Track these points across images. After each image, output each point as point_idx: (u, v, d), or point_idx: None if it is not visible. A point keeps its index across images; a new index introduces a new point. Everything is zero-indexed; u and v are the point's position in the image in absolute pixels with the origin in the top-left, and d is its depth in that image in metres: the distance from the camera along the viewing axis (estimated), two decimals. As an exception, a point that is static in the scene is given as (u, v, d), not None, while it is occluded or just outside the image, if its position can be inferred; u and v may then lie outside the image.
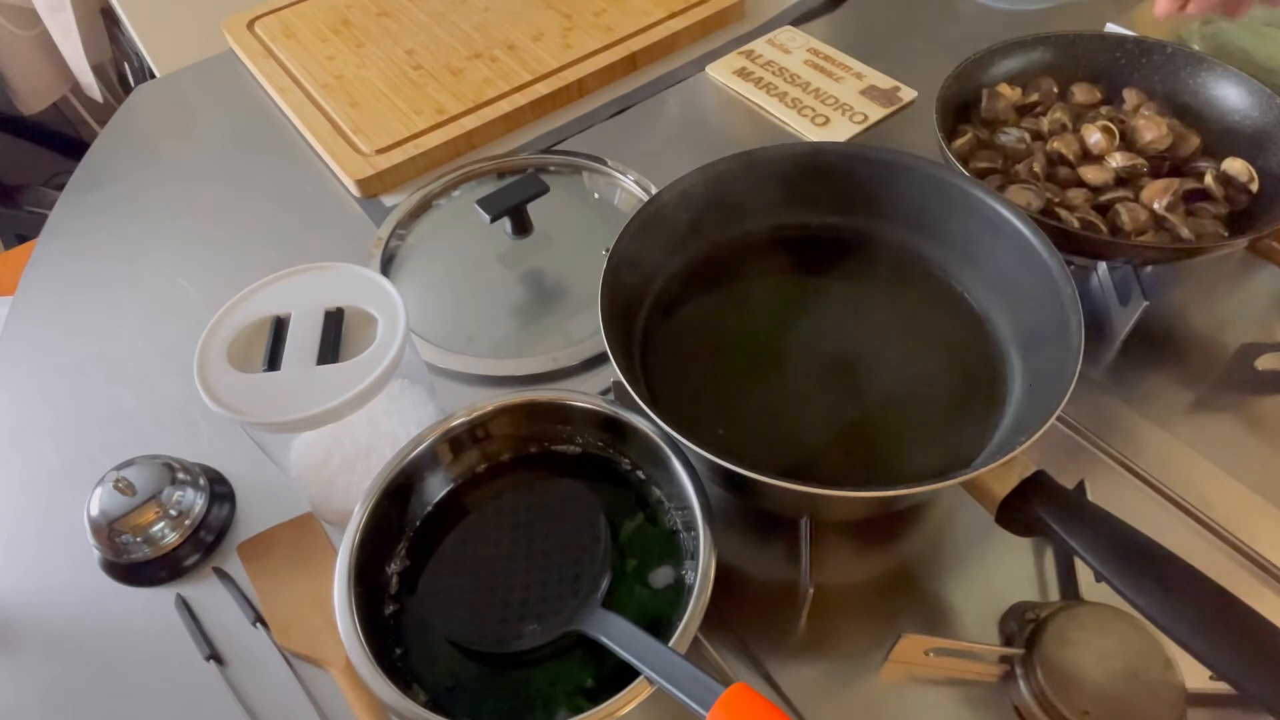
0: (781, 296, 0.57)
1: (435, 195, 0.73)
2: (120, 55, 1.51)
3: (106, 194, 0.78)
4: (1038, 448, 0.40)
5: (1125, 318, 0.57)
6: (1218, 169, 0.59)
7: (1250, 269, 0.62)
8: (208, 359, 0.44)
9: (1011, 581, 0.48)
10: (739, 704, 0.34)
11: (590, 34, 0.85)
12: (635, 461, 0.48)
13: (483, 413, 0.47)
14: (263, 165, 0.79)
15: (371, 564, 0.43)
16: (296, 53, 0.86)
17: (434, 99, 0.79)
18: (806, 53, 0.84)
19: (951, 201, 0.54)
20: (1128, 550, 0.39)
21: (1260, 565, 0.48)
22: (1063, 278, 0.47)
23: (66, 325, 0.68)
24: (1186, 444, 0.53)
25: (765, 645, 0.46)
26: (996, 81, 0.66)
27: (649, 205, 0.53)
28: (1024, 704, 0.42)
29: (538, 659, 0.41)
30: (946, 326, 0.54)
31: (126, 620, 0.50)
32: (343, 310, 0.47)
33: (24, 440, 0.60)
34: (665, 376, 0.52)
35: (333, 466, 0.50)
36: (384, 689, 0.37)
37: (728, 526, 0.51)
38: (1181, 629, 0.36)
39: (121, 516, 0.50)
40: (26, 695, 0.48)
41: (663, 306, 0.56)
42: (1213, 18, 0.77)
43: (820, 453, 0.49)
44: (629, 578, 0.44)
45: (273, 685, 0.47)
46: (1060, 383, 0.42)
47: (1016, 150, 0.63)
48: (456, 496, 0.48)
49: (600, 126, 0.79)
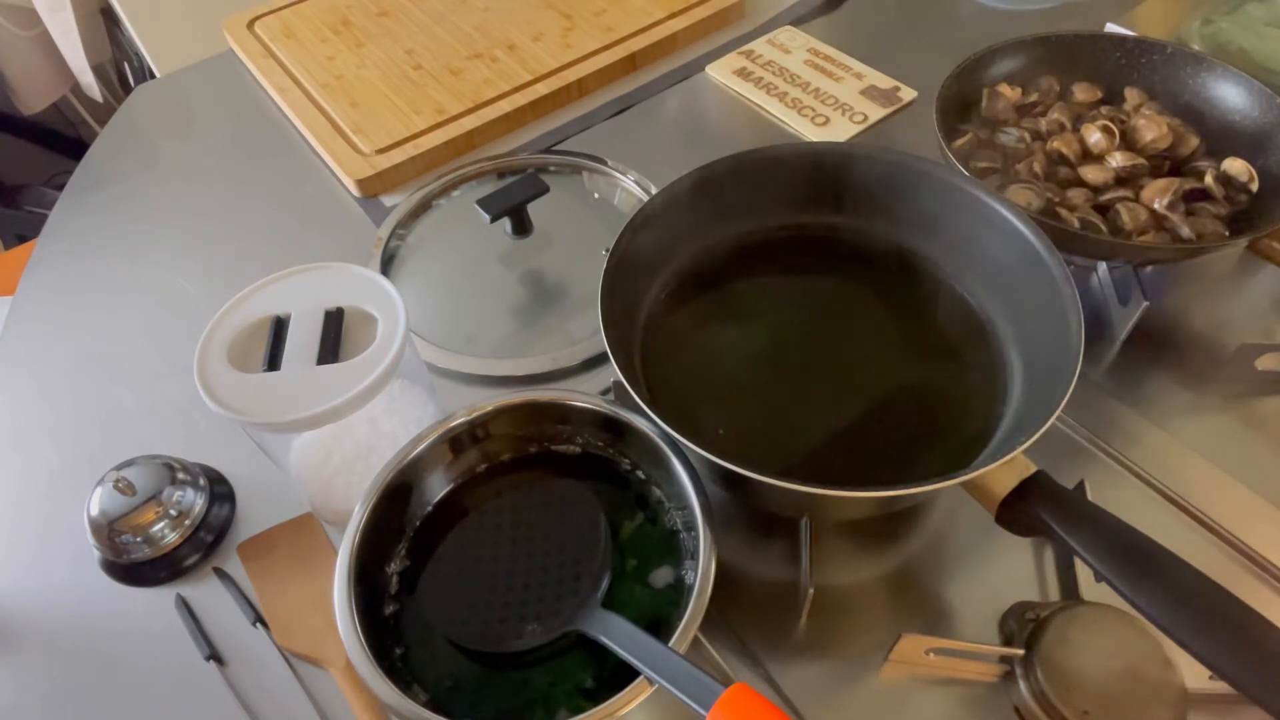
0: (781, 296, 0.57)
1: (435, 195, 0.73)
2: (120, 55, 1.51)
3: (106, 194, 0.78)
4: (1038, 448, 0.40)
5: (1125, 318, 0.57)
6: (1218, 169, 0.59)
7: (1250, 269, 0.62)
8: (208, 359, 0.44)
9: (1011, 581, 0.48)
10: (739, 704, 0.34)
11: (590, 34, 0.85)
12: (635, 461, 0.48)
13: (483, 413, 0.47)
14: (263, 165, 0.79)
15: (371, 564, 0.43)
16: (296, 53, 0.86)
17: (434, 99, 0.79)
18: (806, 53, 0.84)
19: (951, 201, 0.54)
20: (1128, 550, 0.39)
21: (1260, 565, 0.48)
22: (1063, 278, 0.47)
23: (66, 325, 0.68)
24: (1186, 444, 0.53)
25: (765, 645, 0.46)
26: (996, 81, 0.66)
27: (649, 205, 0.52)
28: (1024, 704, 0.42)
29: (538, 659, 0.41)
30: (946, 326, 0.54)
31: (126, 620, 0.50)
32: (343, 310, 0.47)
33: (24, 440, 0.60)
34: (665, 376, 0.52)
35: (333, 466, 0.50)
36: (384, 689, 0.37)
37: (728, 526, 0.51)
38: (1181, 629, 0.36)
39: (121, 516, 0.50)
40: (26, 695, 0.48)
41: (663, 306, 0.56)
42: (1213, 18, 0.77)
43: (820, 453, 0.49)
44: (629, 578, 0.44)
45: (273, 685, 0.47)
46: (1060, 383, 0.42)
47: (1016, 150, 0.63)
48: (456, 496, 0.48)
49: (600, 126, 0.79)
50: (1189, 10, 0.80)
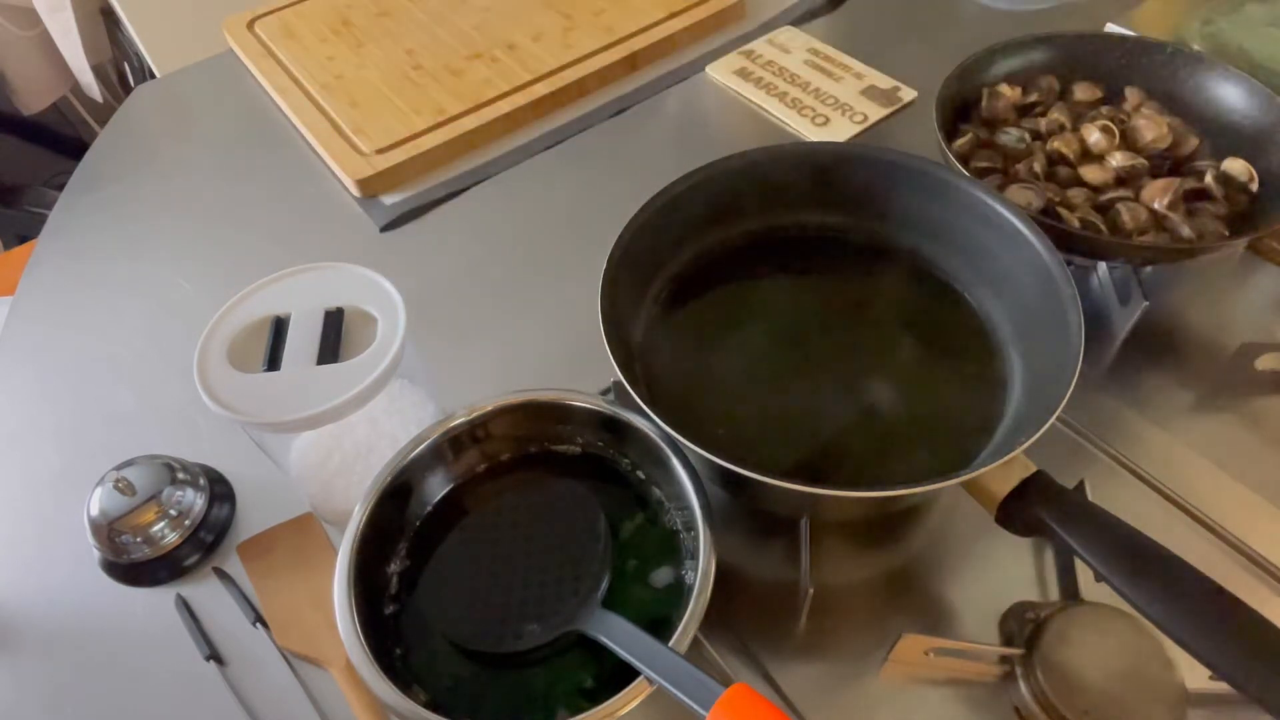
0: (781, 297, 0.57)
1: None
2: (120, 55, 1.51)
3: (106, 194, 0.78)
4: (1038, 448, 0.40)
5: (1125, 318, 0.57)
6: (1218, 169, 0.59)
7: (1250, 269, 0.62)
8: (208, 359, 0.44)
9: (1011, 581, 0.48)
10: (739, 704, 0.34)
11: (590, 34, 0.85)
12: (635, 461, 0.48)
13: (483, 413, 0.47)
14: (262, 165, 0.79)
15: (371, 564, 0.43)
16: (296, 53, 0.86)
17: (434, 99, 0.79)
18: (806, 53, 0.84)
19: (951, 201, 0.54)
20: (1128, 550, 0.39)
21: (1260, 565, 0.48)
22: (1063, 278, 0.47)
23: (66, 325, 0.68)
24: (1186, 444, 0.53)
25: (765, 645, 0.46)
26: (996, 81, 0.66)
27: (649, 205, 0.52)
28: (1024, 704, 0.42)
29: (538, 659, 0.41)
30: (946, 326, 0.54)
31: (126, 620, 0.50)
32: (343, 310, 0.47)
33: (24, 440, 0.60)
34: (665, 376, 0.52)
35: (333, 466, 0.50)
36: (384, 689, 0.37)
37: (728, 526, 0.51)
38: (1181, 629, 0.36)
39: (121, 516, 0.50)
40: (26, 695, 0.48)
41: (663, 306, 0.56)
42: (1213, 18, 0.77)
43: (820, 453, 0.49)
44: (629, 578, 0.44)
45: (273, 685, 0.47)
46: (1060, 383, 0.42)
47: (1016, 150, 0.63)
48: (456, 496, 0.48)
49: (600, 126, 0.79)
50: (1189, 10, 0.80)
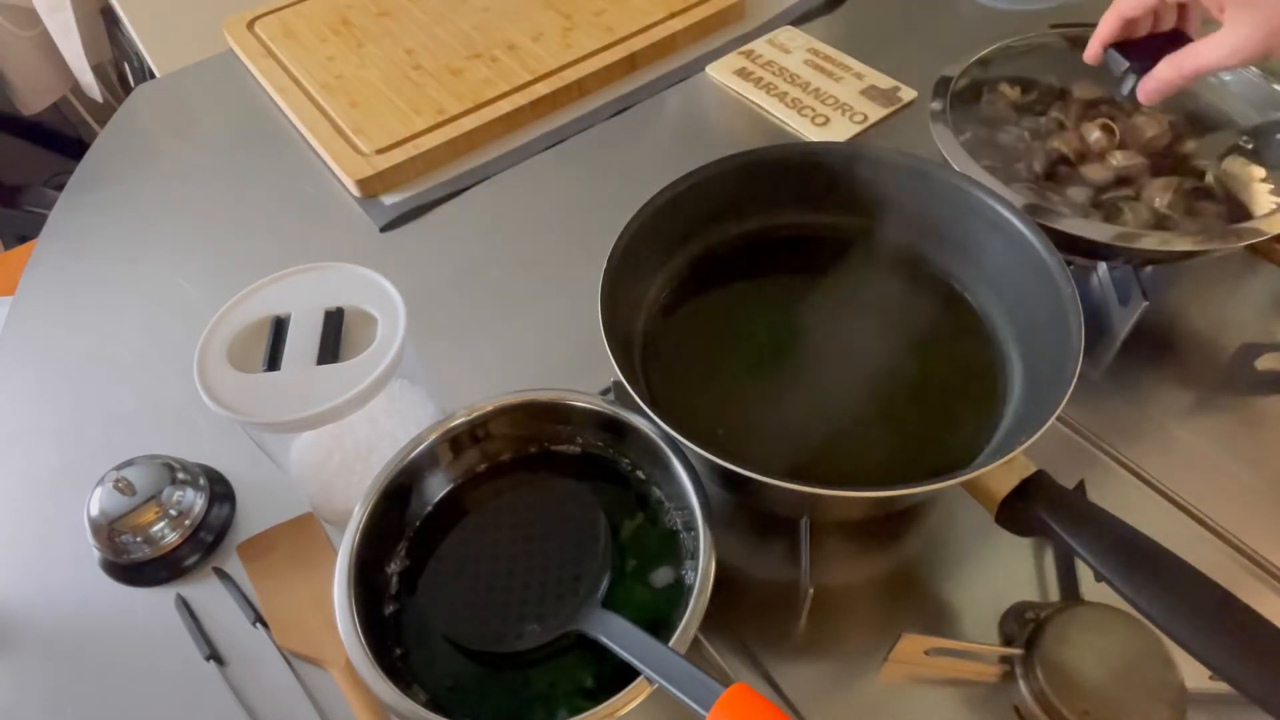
0: (781, 296, 0.57)
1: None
2: (120, 55, 1.51)
3: (106, 194, 0.78)
4: (1038, 448, 0.40)
5: (1125, 318, 0.57)
6: (1219, 167, 0.59)
7: (1250, 269, 0.62)
8: (208, 359, 0.44)
9: (1011, 581, 0.48)
10: (739, 704, 0.34)
11: (590, 34, 0.85)
12: (635, 461, 0.48)
13: (483, 413, 0.47)
14: (263, 165, 0.79)
15: (371, 564, 0.43)
16: (296, 53, 0.86)
17: (434, 99, 0.79)
18: (806, 53, 0.84)
19: (951, 201, 0.54)
20: (1128, 550, 0.39)
21: (1260, 565, 0.48)
22: (1063, 278, 0.47)
23: (66, 325, 0.68)
24: (1186, 444, 0.53)
25: (765, 645, 0.46)
26: (996, 81, 0.66)
27: (649, 205, 0.52)
28: (1024, 704, 0.42)
29: (538, 659, 0.41)
30: (946, 326, 0.54)
31: (126, 620, 0.50)
32: (343, 310, 0.47)
33: (24, 440, 0.60)
34: (665, 376, 0.52)
35: (333, 466, 0.50)
36: (384, 689, 0.37)
37: (728, 526, 0.51)
38: (1181, 629, 0.36)
39: (121, 516, 0.50)
40: (26, 695, 0.48)
41: (663, 306, 0.56)
42: (1213, 17, 0.77)
43: (820, 453, 0.49)
44: (629, 578, 0.44)
45: (273, 685, 0.47)
46: (1060, 383, 0.42)
47: (1016, 150, 0.63)
48: (456, 496, 0.48)
49: (600, 126, 0.79)
50: (1189, 10, 0.80)
